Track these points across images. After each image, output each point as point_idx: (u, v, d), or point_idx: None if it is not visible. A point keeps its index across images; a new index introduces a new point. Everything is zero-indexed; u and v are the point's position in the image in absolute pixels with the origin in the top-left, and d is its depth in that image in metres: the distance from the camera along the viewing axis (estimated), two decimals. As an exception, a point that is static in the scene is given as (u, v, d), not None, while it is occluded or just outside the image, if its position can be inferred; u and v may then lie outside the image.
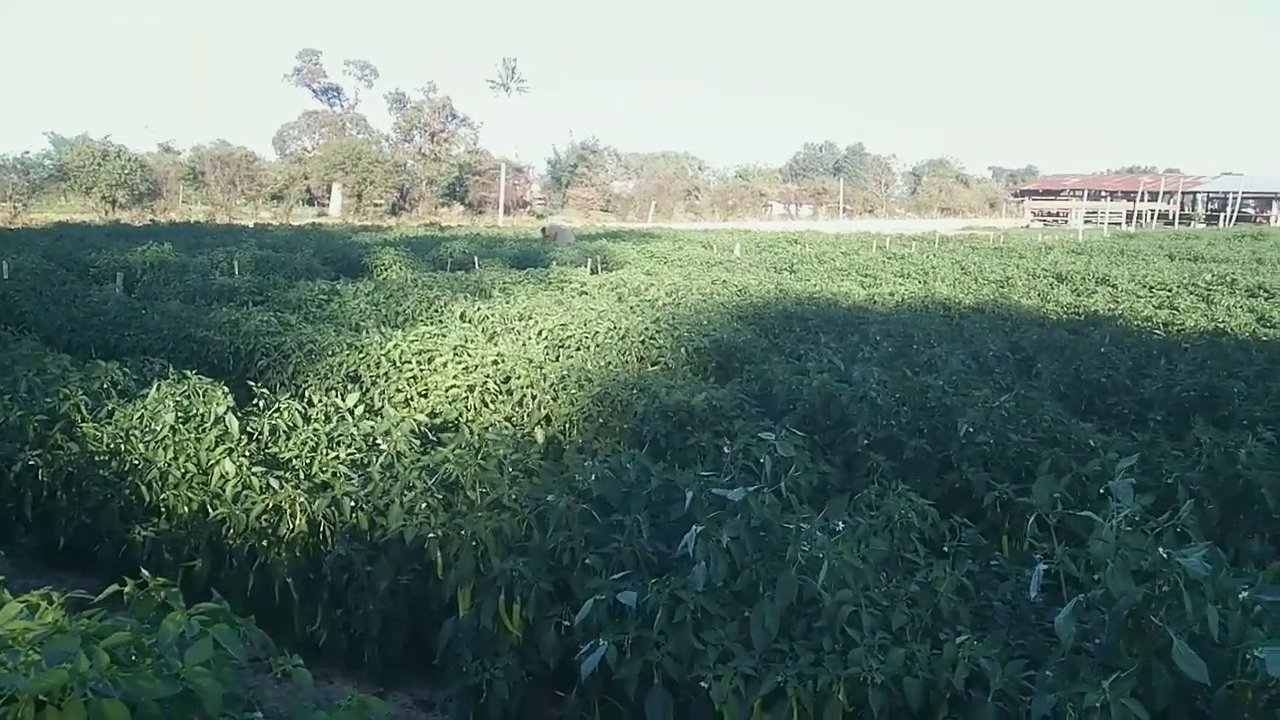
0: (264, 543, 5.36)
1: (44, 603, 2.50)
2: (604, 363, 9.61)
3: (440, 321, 11.87)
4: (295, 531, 5.30)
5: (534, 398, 8.01)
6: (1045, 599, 3.68)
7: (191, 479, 5.95)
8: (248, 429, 6.45)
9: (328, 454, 6.03)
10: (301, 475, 5.78)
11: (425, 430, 6.76)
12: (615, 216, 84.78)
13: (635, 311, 12.20)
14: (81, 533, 6.29)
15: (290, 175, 74.86)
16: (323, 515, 5.29)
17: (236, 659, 2.43)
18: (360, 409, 6.76)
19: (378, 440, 6.18)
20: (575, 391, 7.85)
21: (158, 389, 6.80)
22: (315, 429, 6.36)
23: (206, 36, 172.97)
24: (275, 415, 6.57)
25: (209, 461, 6.00)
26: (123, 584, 2.73)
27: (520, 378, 8.26)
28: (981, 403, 6.82)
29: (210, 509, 5.69)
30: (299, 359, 9.53)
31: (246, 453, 6.09)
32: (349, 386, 8.40)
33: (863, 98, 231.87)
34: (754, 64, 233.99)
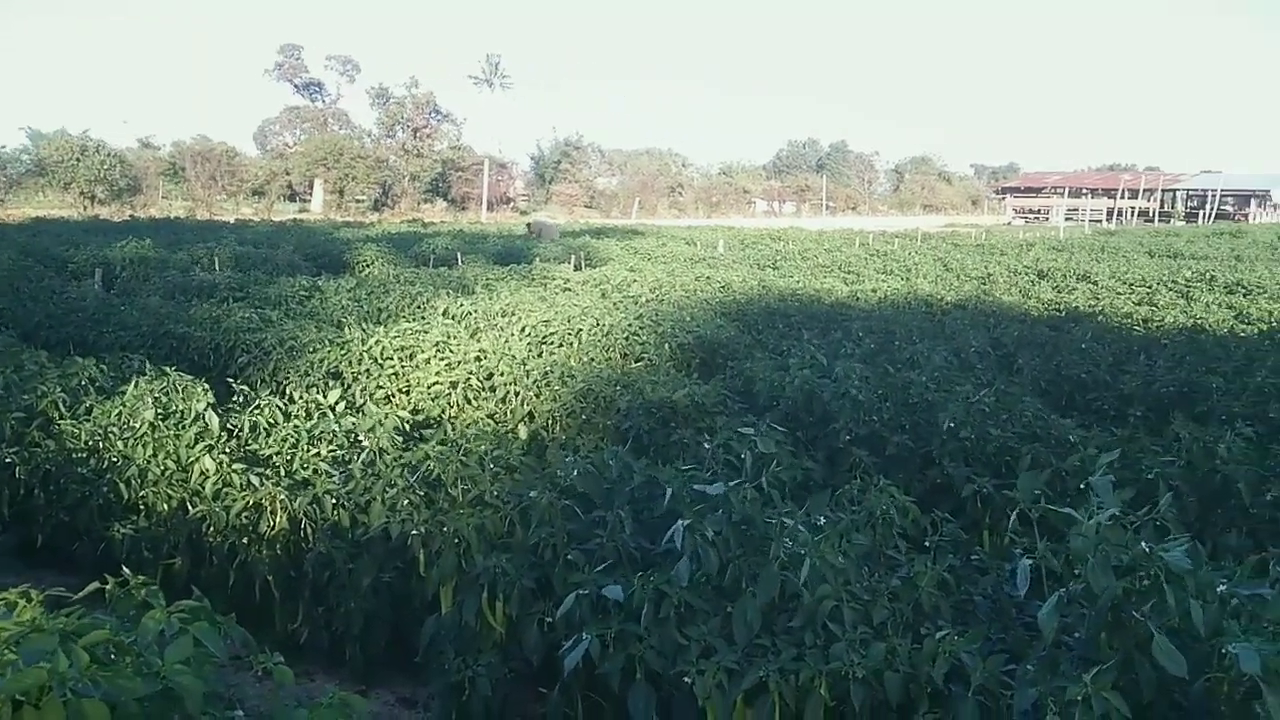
0: (244, 540, 5.34)
1: (22, 601, 2.47)
2: (587, 359, 9.59)
3: (423, 318, 11.82)
4: (276, 529, 5.28)
5: (517, 394, 7.98)
6: (1026, 593, 3.69)
7: (171, 476, 5.92)
8: (228, 426, 6.42)
9: (309, 451, 6.01)
10: (282, 472, 5.75)
11: (407, 427, 6.73)
12: (599, 213, 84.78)
13: (619, 308, 12.18)
14: (60, 531, 6.24)
15: (271, 171, 74.49)
16: (304, 512, 5.26)
17: (217, 657, 2.42)
18: (342, 406, 6.73)
19: (359, 437, 6.15)
20: (558, 388, 7.84)
21: (136, 386, 6.75)
22: (296, 426, 6.33)
23: (187, 30, 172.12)
24: (256, 412, 6.53)
25: (189, 459, 5.96)
26: (102, 582, 2.71)
27: (503, 374, 8.24)
28: (963, 399, 6.87)
29: (190, 506, 5.65)
30: (280, 355, 9.47)
31: (227, 450, 6.05)
32: (330, 383, 8.35)
33: (846, 95, 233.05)
34: (738, 61, 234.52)
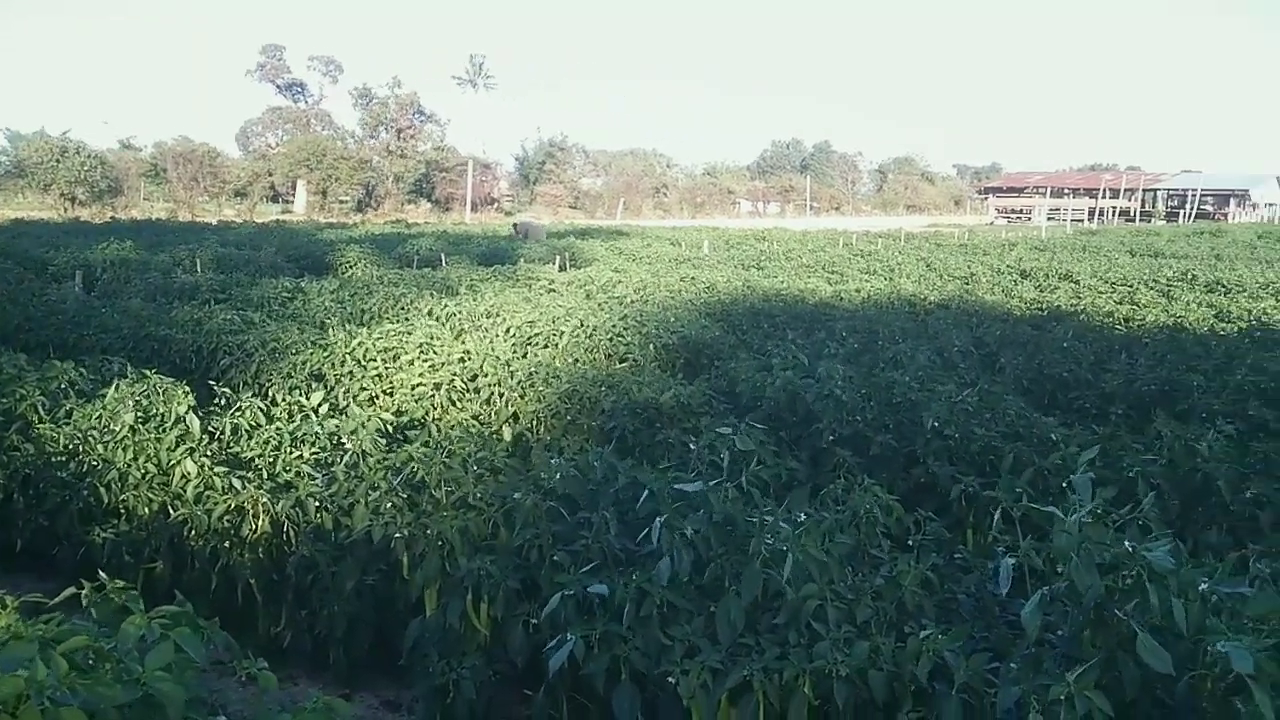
0: (226, 544, 5.29)
1: (-2, 607, 2.45)
2: (572, 360, 9.57)
3: (406, 319, 11.76)
4: (258, 532, 5.24)
5: (501, 395, 7.96)
6: (1009, 592, 3.71)
7: (152, 480, 5.87)
8: (209, 428, 6.37)
9: (291, 453, 5.97)
10: (265, 475, 5.71)
11: (391, 429, 6.70)
12: (584, 214, 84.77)
13: (603, 309, 12.16)
14: (39, 535, 6.18)
15: (254, 172, 74.06)
16: (286, 515, 5.23)
17: (199, 662, 2.39)
18: (325, 408, 6.69)
19: (342, 439, 6.12)
20: (543, 389, 7.81)
21: (117, 388, 6.69)
22: (279, 428, 6.28)
23: (168, 31, 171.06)
24: (238, 414, 6.49)
25: (170, 462, 5.92)
26: (81, 587, 2.68)
27: (487, 375, 8.21)
28: (946, 398, 6.90)
29: (171, 510, 5.61)
30: (262, 358, 9.40)
31: (208, 453, 6.00)
32: (313, 385, 8.30)
33: (830, 96, 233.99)
34: (723, 62, 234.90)
